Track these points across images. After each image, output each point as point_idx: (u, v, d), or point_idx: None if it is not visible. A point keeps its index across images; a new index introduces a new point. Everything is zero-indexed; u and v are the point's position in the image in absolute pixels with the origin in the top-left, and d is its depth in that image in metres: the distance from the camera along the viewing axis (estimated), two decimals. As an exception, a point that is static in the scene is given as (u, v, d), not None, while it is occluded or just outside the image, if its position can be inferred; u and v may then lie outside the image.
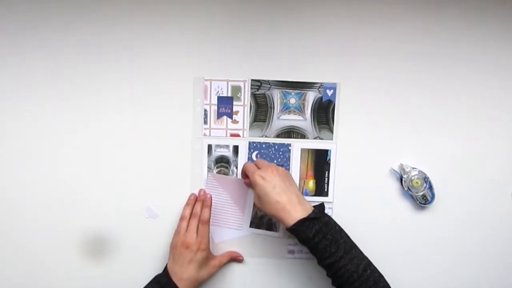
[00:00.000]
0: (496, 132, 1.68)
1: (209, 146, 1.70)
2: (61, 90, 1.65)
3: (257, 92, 1.67)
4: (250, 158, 1.70)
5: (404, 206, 1.73)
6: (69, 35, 1.62)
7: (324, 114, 1.69)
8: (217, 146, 1.70)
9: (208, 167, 1.70)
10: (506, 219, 1.72)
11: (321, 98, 1.68)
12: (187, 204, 1.68)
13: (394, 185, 1.72)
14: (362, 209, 1.74)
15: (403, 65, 1.65)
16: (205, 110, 1.68)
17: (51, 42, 1.62)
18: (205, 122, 1.69)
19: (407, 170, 1.68)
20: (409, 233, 1.73)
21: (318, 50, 1.65)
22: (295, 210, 1.47)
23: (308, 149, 1.71)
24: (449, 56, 1.66)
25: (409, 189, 1.68)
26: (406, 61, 1.66)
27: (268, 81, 1.67)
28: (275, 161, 1.71)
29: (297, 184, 1.68)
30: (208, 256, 1.63)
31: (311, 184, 1.72)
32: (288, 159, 1.71)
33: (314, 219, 1.46)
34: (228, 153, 1.70)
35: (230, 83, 1.67)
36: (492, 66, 1.66)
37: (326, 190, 1.72)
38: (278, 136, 1.70)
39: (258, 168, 1.56)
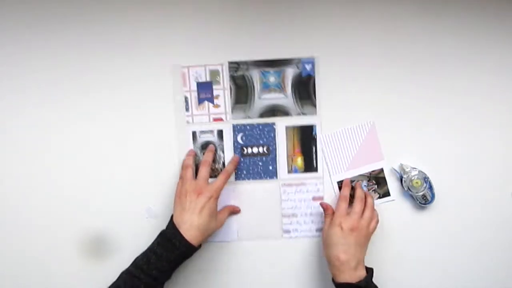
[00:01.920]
0: (496, 132, 1.67)
1: (194, 133, 1.69)
2: (53, 90, 1.68)
3: (235, 74, 1.67)
4: (236, 141, 1.70)
5: (404, 206, 1.73)
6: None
7: (305, 89, 1.67)
8: (202, 132, 1.70)
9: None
10: (506, 219, 1.70)
11: (300, 73, 1.67)
12: (188, 155, 1.67)
13: (394, 185, 1.72)
14: None
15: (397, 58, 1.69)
16: (186, 97, 1.68)
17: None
18: (187, 109, 1.69)
19: (407, 170, 1.68)
20: (409, 233, 1.72)
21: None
22: (348, 273, 1.51)
23: (293, 126, 1.70)
24: (449, 55, 1.66)
25: (409, 189, 1.68)
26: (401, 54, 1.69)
27: (245, 61, 1.66)
28: (261, 141, 1.71)
29: (287, 164, 1.74)
30: (217, 207, 1.57)
31: (299, 161, 1.72)
32: (274, 138, 1.71)
33: (363, 286, 1.47)
34: (213, 138, 1.70)
35: (207, 67, 1.67)
36: (493, 65, 1.66)
37: (315, 166, 1.72)
38: (261, 116, 1.70)
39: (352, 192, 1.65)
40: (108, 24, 1.65)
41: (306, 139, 1.71)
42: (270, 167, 1.72)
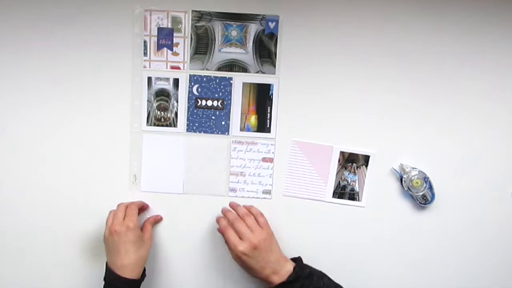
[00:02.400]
0: (497, 132, 1.67)
1: (149, 79, 1.67)
2: (52, 90, 1.71)
3: (197, 24, 1.65)
4: (191, 92, 1.69)
5: (404, 206, 1.72)
6: None
7: (266, 47, 1.66)
8: (157, 78, 1.68)
9: (148, 100, 1.68)
10: (506, 219, 1.70)
11: (263, 31, 1.65)
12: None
13: (394, 185, 1.71)
14: (361, 209, 1.73)
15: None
16: (145, 42, 1.66)
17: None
18: (145, 54, 1.67)
19: (407, 170, 1.67)
20: (409, 233, 1.72)
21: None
22: (276, 277, 1.54)
23: (250, 83, 1.68)
24: (449, 55, 1.66)
25: (409, 189, 1.67)
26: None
27: (209, 12, 1.64)
28: (216, 95, 1.68)
29: (240, 120, 1.73)
30: (139, 233, 1.59)
31: (253, 119, 1.70)
32: (230, 93, 1.69)
33: (295, 279, 1.51)
34: (169, 86, 1.69)
35: (170, 13, 1.65)
36: (493, 65, 1.65)
37: (268, 126, 1.70)
38: (219, 69, 1.67)
39: (234, 215, 1.62)
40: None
41: (262, 98, 1.69)
42: (223, 122, 1.70)
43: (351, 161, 1.72)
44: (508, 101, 1.66)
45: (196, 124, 1.70)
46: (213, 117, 1.70)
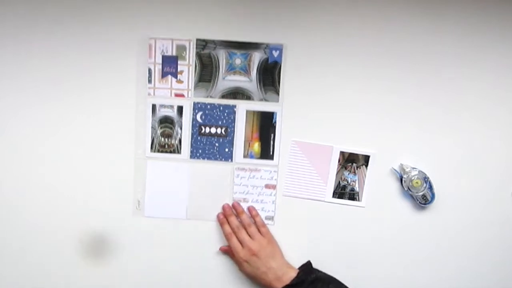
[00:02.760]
0: (497, 132, 1.66)
1: (153, 106, 1.68)
2: (52, 89, 1.69)
3: (202, 52, 1.65)
4: (194, 119, 1.69)
5: (404, 206, 1.72)
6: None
7: (270, 75, 1.66)
8: (162, 106, 1.68)
9: (152, 127, 1.68)
10: (506, 219, 1.70)
11: (267, 59, 1.65)
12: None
13: (394, 185, 1.70)
14: (361, 209, 1.73)
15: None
16: (149, 69, 1.66)
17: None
18: (150, 81, 1.67)
19: (407, 170, 1.66)
20: (409, 233, 1.72)
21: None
22: (281, 281, 1.59)
23: (254, 111, 1.68)
24: (449, 55, 1.65)
25: (409, 189, 1.66)
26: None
27: (213, 40, 1.64)
28: (220, 122, 1.69)
29: (243, 148, 1.72)
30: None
31: (256, 146, 1.70)
32: (233, 120, 1.69)
33: (298, 283, 1.55)
34: (173, 113, 1.68)
35: (174, 42, 1.64)
36: (493, 65, 1.64)
37: (271, 153, 1.71)
38: (223, 97, 1.68)
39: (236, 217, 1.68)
40: None
41: (265, 125, 1.70)
42: (226, 149, 1.71)
43: (351, 161, 1.72)
44: (508, 101, 1.66)
45: (200, 151, 1.71)
46: (217, 144, 1.70)
